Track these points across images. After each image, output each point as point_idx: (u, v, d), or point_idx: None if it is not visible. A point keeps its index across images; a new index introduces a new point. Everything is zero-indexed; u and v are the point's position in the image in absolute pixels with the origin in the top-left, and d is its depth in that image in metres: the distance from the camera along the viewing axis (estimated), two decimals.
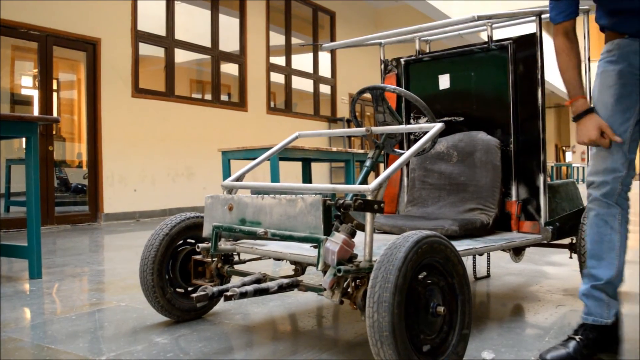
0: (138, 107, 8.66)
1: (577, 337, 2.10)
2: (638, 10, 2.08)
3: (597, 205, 2.14)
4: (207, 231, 2.34)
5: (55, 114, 8.15)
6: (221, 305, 2.87)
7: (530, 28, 3.04)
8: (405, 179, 3.54)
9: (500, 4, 13.40)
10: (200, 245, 2.41)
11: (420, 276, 1.81)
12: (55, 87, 8.18)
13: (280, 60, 11.99)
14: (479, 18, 2.84)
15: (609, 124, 2.12)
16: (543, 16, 3.02)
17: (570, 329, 2.44)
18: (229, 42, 10.60)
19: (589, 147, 2.22)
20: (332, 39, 13.61)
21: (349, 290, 1.90)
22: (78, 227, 7.65)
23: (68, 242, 5.92)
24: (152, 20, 9.15)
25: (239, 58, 10.80)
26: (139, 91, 8.68)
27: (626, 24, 2.13)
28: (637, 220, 7.39)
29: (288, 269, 2.60)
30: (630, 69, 2.13)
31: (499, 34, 3.51)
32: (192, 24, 10.38)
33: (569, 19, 2.19)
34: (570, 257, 3.20)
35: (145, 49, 8.97)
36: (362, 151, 6.62)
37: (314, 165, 8.55)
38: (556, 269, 3.93)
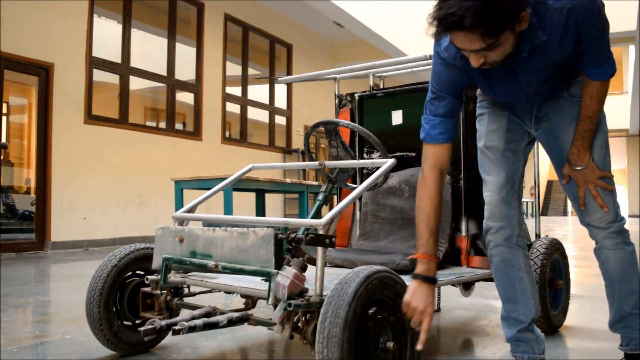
0: (90, 134, 8.52)
1: None
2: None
3: (500, 251, 2.20)
4: (156, 263, 2.31)
5: (4, 139, 7.96)
6: (170, 339, 2.81)
7: None
8: (357, 212, 3.57)
9: None
10: (149, 277, 2.37)
11: (370, 311, 1.82)
12: (5, 110, 8.01)
13: (236, 91, 12.01)
14: (431, 57, 2.91)
15: (503, 163, 2.20)
16: None
17: None
18: (185, 70, 10.58)
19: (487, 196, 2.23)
20: (289, 70, 13.73)
21: (300, 324, 1.89)
22: (23, 256, 7.42)
23: (12, 271, 5.74)
24: (107, 46, 9.07)
25: (195, 87, 10.78)
26: (91, 117, 8.56)
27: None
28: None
29: (239, 302, 2.57)
30: (514, 117, 2.23)
31: None
32: (149, 52, 10.34)
33: (450, 141, 2.09)
34: None
35: (99, 75, 8.87)
36: (316, 183, 6.65)
37: (268, 196, 8.53)
38: None
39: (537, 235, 3.27)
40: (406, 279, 2.02)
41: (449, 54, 1.98)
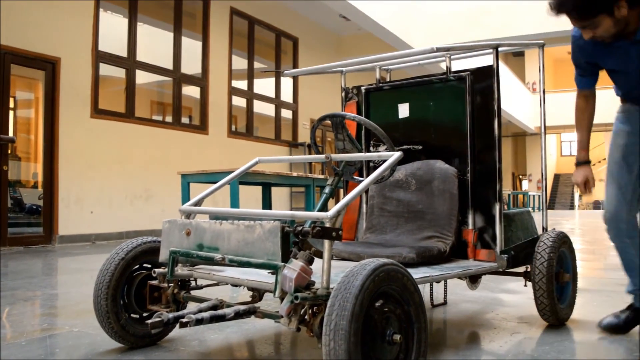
0: (97, 128, 8.54)
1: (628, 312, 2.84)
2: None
3: (615, 238, 2.82)
4: (163, 256, 2.31)
5: (11, 133, 7.99)
6: (177, 331, 2.82)
7: (487, 60, 3.12)
8: (364, 206, 3.57)
9: (460, 35, 13.71)
10: (156, 270, 2.37)
11: (377, 304, 1.82)
12: (12, 105, 8.03)
13: (242, 84, 12.00)
14: (438, 49, 2.90)
15: (617, 175, 2.73)
16: (500, 49, 3.10)
17: (526, 357, 2.48)
18: (191, 64, 10.58)
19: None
20: (295, 64, 13.71)
21: (306, 317, 1.90)
22: (31, 249, 7.47)
23: (20, 265, 5.77)
24: (113, 40, 9.08)
25: (201, 81, 10.78)
26: (98, 112, 8.58)
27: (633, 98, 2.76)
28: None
29: (246, 295, 2.58)
30: (635, 131, 2.69)
31: (458, 65, 3.58)
32: (155, 46, 10.34)
33: (588, 89, 2.82)
34: (525, 285, 3.25)
35: (105, 69, 8.88)
36: (322, 176, 6.65)
37: (274, 189, 8.54)
38: (511, 297, 3.99)
39: (544, 229, 3.27)
40: (413, 272, 2.02)
41: (579, 33, 2.55)
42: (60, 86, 8.02)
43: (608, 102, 4.42)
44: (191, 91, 10.83)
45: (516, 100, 24.06)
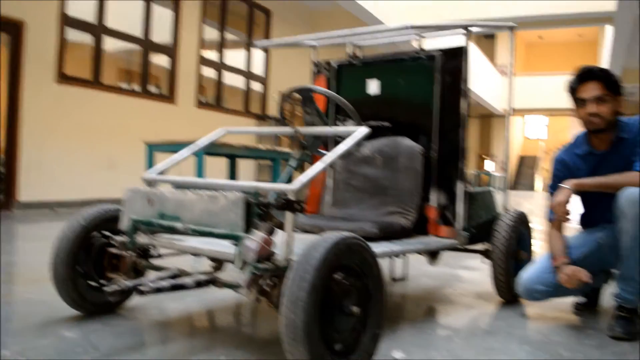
0: (61, 95, 8.36)
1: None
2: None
3: None
4: (124, 224, 2.29)
5: None
6: (137, 300, 2.81)
7: (459, 41, 3.13)
8: (329, 180, 3.57)
9: (434, 15, 13.74)
10: (116, 238, 2.35)
11: (336, 276, 1.83)
12: None
13: (213, 55, 11.85)
14: (413, 27, 2.91)
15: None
16: (471, 29, 3.11)
17: (480, 331, 2.53)
18: (161, 33, 10.39)
19: None
20: (267, 37, 13.56)
21: (266, 288, 1.90)
22: None
23: None
24: (81, 5, 8.86)
25: (170, 50, 10.61)
26: (63, 78, 8.39)
27: None
28: None
29: (207, 265, 2.58)
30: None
31: (431, 45, 3.59)
32: (124, 13, 10.12)
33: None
34: (483, 262, 3.31)
35: (72, 34, 8.67)
36: (290, 150, 6.62)
37: (241, 161, 8.48)
38: (470, 273, 4.06)
39: (505, 208, 3.32)
40: (373, 246, 2.03)
41: (568, 157, 2.85)
42: (24, 51, 7.81)
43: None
44: (161, 60, 10.65)
45: (486, 82, 24.24)
